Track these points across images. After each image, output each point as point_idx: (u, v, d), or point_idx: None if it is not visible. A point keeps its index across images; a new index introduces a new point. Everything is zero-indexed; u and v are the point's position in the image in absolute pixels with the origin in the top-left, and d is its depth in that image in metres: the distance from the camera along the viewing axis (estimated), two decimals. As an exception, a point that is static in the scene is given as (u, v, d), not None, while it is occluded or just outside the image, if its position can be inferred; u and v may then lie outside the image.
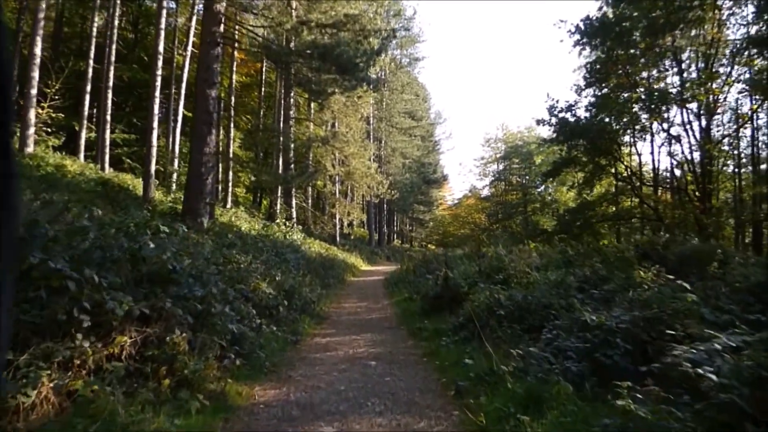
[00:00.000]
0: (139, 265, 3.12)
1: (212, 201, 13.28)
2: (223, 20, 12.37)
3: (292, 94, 20.20)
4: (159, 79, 14.25)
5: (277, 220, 17.06)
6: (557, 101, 16.98)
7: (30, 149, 12.65)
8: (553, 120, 17.10)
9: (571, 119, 16.90)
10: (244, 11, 14.08)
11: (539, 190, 39.89)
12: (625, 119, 16.59)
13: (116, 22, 17.47)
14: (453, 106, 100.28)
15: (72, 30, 22.41)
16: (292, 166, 20.61)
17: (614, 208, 19.16)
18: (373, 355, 4.38)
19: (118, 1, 17.49)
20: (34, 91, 12.86)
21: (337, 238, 23.76)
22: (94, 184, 12.89)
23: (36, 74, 12.96)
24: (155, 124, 14.08)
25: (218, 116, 15.50)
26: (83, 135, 16.03)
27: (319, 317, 6.67)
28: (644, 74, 17.06)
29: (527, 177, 40.81)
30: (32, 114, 12.84)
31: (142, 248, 3.17)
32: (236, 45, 17.51)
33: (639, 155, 21.11)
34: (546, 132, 25.48)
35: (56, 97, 16.39)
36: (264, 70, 22.48)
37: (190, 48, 18.06)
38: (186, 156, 16.06)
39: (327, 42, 12.94)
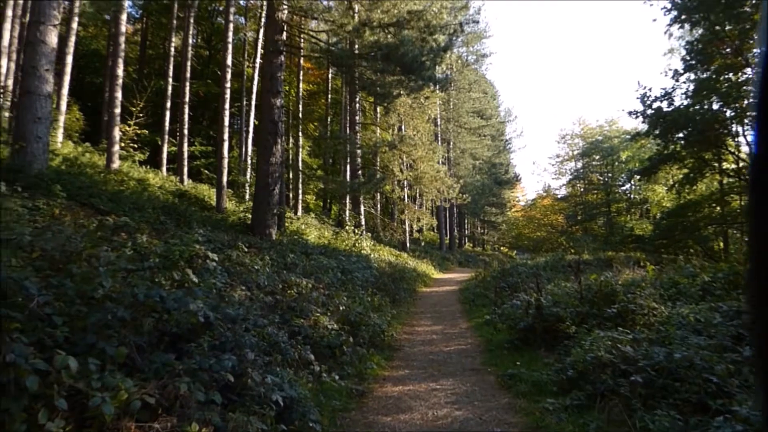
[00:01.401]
0: (161, 316, 2.51)
1: (280, 211, 13.08)
2: (285, 28, 12.12)
3: (357, 99, 19.80)
4: (228, 92, 14.44)
5: (346, 227, 16.74)
6: (650, 89, 14.90)
7: (115, 165, 13.24)
8: (648, 111, 15.08)
9: (667, 108, 14.79)
10: (305, 16, 13.80)
11: (624, 188, 36.53)
12: (738, 105, 14.13)
13: (191, 41, 18.18)
14: (523, 103, 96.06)
15: (155, 52, 23.99)
16: (360, 172, 20.20)
17: (720, 209, 16.49)
18: (459, 423, 3.42)
19: (192, 21, 18.19)
20: (117, 110, 13.47)
21: (407, 244, 23.03)
22: (171, 196, 13.26)
23: (119, 94, 13.56)
24: (226, 136, 14.29)
25: (284, 125, 15.42)
26: (165, 149, 16.83)
27: (390, 349, 5.85)
28: (757, 50, 14.48)
29: (610, 174, 37.40)
30: (116, 132, 13.44)
31: (164, 299, 2.55)
32: (300, 52, 17.45)
33: (750, 146, 18.15)
34: (633, 124, 22.73)
35: (141, 115, 17.47)
36: (330, 77, 22.38)
37: (258, 60, 18.34)
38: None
39: (390, 41, 12.22)
